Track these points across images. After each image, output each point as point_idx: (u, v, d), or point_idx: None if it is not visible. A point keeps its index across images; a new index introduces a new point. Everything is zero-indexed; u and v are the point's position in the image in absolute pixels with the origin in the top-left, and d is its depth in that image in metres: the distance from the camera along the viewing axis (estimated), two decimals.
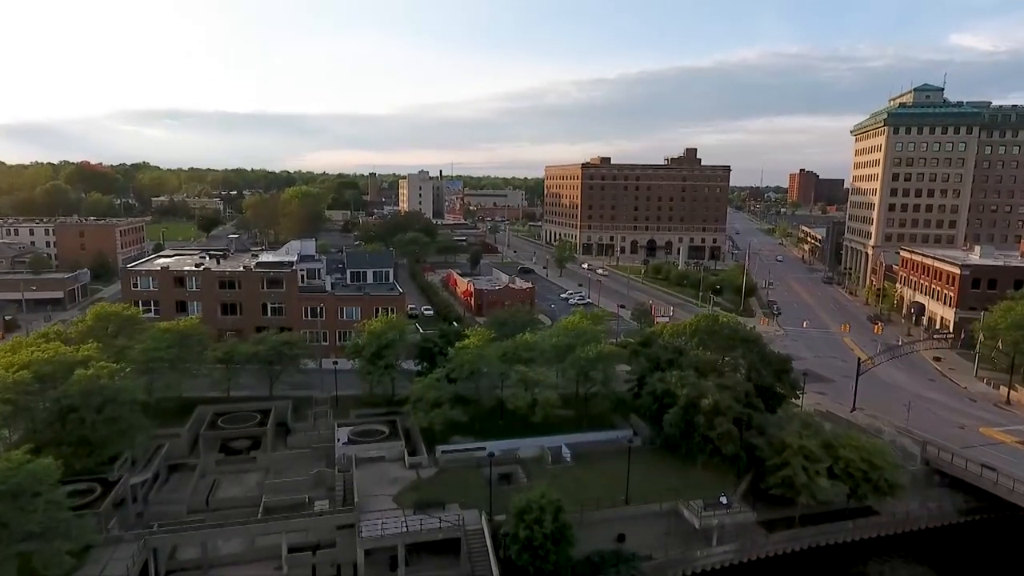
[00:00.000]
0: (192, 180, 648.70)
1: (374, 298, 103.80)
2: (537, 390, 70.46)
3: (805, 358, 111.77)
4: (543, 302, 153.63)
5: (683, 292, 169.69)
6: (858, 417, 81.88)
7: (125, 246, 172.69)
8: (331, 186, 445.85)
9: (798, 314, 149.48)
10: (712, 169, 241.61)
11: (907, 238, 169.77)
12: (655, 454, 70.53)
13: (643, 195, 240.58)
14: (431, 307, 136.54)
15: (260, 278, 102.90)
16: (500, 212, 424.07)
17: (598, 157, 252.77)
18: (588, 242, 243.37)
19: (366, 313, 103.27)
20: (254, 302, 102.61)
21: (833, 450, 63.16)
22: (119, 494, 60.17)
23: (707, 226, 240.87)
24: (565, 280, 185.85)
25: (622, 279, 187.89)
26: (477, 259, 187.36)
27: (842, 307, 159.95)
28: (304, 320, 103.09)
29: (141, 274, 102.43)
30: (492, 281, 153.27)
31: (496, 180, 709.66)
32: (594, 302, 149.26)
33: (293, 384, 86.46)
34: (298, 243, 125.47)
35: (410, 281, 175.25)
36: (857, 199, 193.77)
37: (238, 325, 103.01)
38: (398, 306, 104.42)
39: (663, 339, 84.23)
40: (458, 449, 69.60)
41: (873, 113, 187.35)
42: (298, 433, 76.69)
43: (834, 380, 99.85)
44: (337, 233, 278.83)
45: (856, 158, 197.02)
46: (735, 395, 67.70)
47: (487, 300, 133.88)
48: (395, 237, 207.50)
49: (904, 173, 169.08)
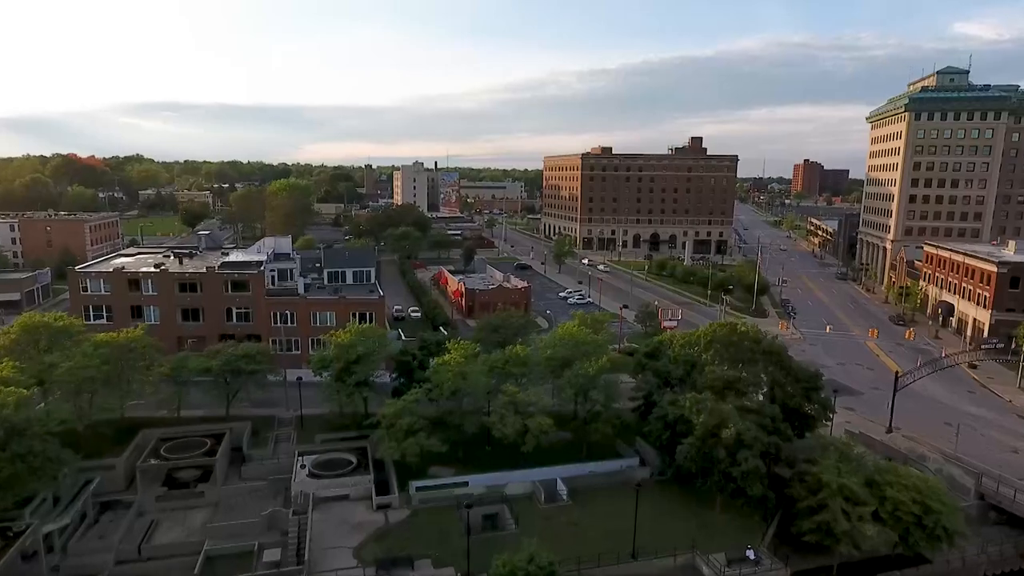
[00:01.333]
0: (186, 173, 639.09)
1: (351, 302, 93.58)
2: (529, 412, 60.51)
3: (827, 365, 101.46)
4: (541, 302, 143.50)
5: (690, 290, 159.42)
6: (896, 440, 71.83)
7: (96, 243, 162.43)
8: (325, 178, 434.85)
9: (815, 314, 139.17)
10: (719, 159, 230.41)
11: (928, 232, 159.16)
12: (666, 489, 60.57)
13: (646, 186, 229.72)
14: (419, 308, 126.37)
15: (223, 280, 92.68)
16: (499, 205, 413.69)
17: (599, 147, 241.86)
18: (588, 236, 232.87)
19: (342, 318, 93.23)
20: (217, 307, 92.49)
21: (878, 488, 53.04)
22: (28, 546, 50.47)
23: (713, 219, 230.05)
24: (564, 277, 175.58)
25: (624, 276, 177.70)
26: (471, 255, 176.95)
27: (860, 306, 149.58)
28: (274, 327, 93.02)
29: (91, 276, 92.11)
30: (485, 279, 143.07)
31: (495, 172, 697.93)
32: (595, 302, 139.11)
33: (255, 401, 76.61)
34: (272, 240, 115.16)
35: (399, 279, 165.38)
36: (873, 190, 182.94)
37: (200, 332, 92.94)
38: (377, 310, 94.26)
39: (673, 350, 74.06)
40: (435, 485, 59.65)
41: (891, 98, 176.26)
42: (254, 462, 66.70)
43: (862, 392, 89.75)
44: (328, 227, 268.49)
45: (872, 146, 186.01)
46: (760, 421, 57.62)
47: (479, 301, 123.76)
48: (385, 232, 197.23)
49: (926, 162, 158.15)
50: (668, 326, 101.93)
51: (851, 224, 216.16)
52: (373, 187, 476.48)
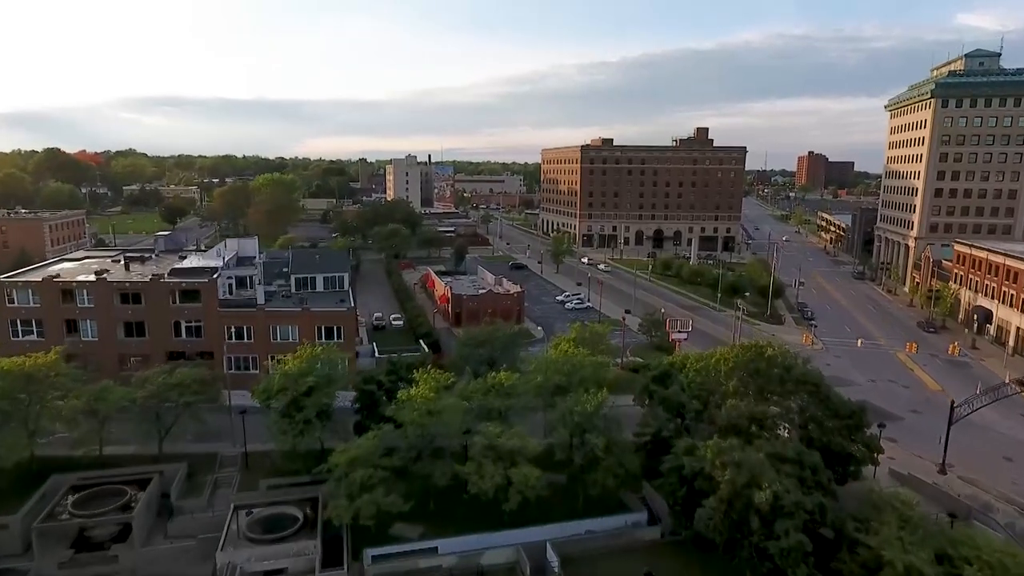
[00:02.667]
0: (179, 167, 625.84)
1: (316, 315, 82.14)
2: (512, 460, 49.18)
3: (857, 383, 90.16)
4: (536, 306, 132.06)
5: (697, 292, 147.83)
6: (953, 483, 60.50)
7: (57, 243, 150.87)
8: (317, 172, 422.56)
9: (835, 320, 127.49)
10: (726, 151, 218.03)
11: (955, 228, 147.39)
12: (681, 554, 49.28)
13: (649, 180, 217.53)
14: (401, 316, 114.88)
15: (171, 290, 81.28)
16: (496, 199, 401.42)
17: (599, 138, 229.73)
18: (588, 232, 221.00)
19: (306, 333, 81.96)
20: (163, 320, 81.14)
21: (950, 566, 41.72)
22: None
23: (720, 214, 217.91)
24: (562, 278, 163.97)
25: (627, 275, 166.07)
26: (462, 254, 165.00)
27: (883, 310, 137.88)
28: (228, 342, 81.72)
29: (18, 286, 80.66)
30: (475, 282, 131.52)
31: (494, 166, 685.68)
32: (595, 306, 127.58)
33: (197, 435, 65.16)
34: (236, 243, 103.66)
35: (386, 281, 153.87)
36: (893, 183, 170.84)
37: (144, 350, 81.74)
38: (346, 323, 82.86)
39: (686, 375, 62.60)
40: (396, 553, 48.35)
41: (913, 85, 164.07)
42: (183, 515, 55.44)
43: (901, 417, 78.24)
44: (317, 224, 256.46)
45: (892, 136, 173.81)
46: (799, 473, 46.23)
47: (467, 308, 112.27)
48: (372, 229, 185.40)
49: (954, 153, 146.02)
50: (677, 339, 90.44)
51: (866, 219, 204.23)
52: (368, 181, 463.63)
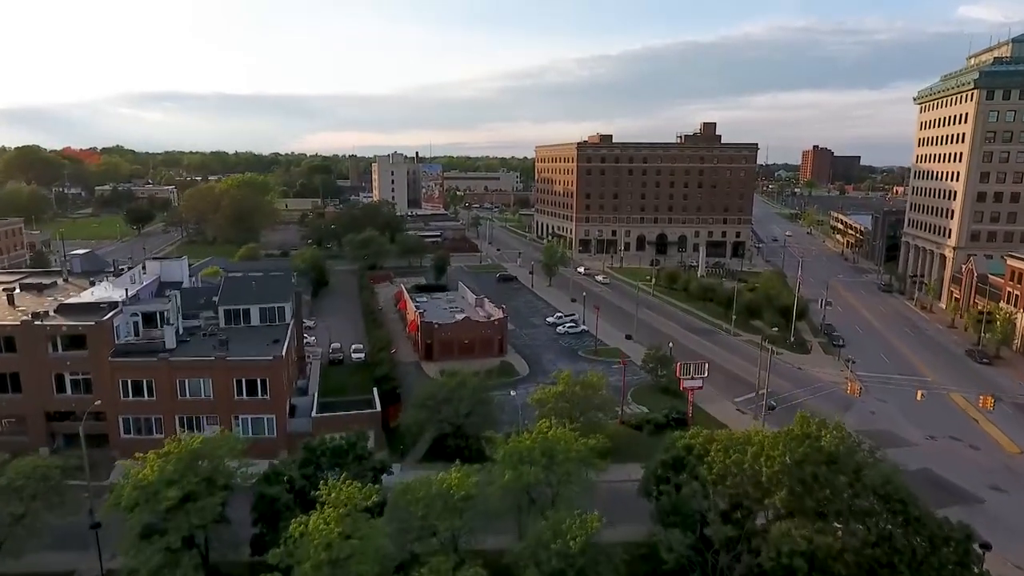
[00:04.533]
0: (167, 165, 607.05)
1: (234, 365, 65.01)
2: None
3: (912, 442, 73.19)
4: (523, 329, 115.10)
5: (707, 310, 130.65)
6: None
7: None
8: (303, 170, 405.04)
9: (869, 347, 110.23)
10: (735, 148, 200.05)
11: (1000, 236, 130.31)
12: None
13: (651, 180, 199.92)
14: (362, 348, 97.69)
15: (49, 335, 64.24)
16: (491, 198, 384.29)
17: (597, 135, 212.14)
18: (586, 237, 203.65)
19: (222, 389, 65.06)
20: (42, 372, 64.23)
21: None
22: None
23: (729, 217, 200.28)
24: (555, 292, 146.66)
25: (627, 288, 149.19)
26: (443, 266, 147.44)
27: (921, 333, 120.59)
28: (125, 401, 64.78)
29: None
30: (453, 303, 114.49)
31: (492, 161, 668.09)
32: (590, 329, 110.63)
33: (56, 540, 48.36)
34: (157, 266, 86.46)
35: (358, 297, 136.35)
36: (924, 184, 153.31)
37: (18, 409, 65.04)
38: (272, 376, 65.73)
39: (710, 466, 45.43)
40: None
41: (946, 75, 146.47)
42: None
43: (980, 499, 61.17)
44: (296, 227, 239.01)
45: (922, 132, 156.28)
46: None
47: (439, 339, 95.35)
48: (347, 236, 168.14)
49: (1000, 152, 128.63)
50: (691, 388, 73.16)
51: (889, 222, 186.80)
52: (359, 179, 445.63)
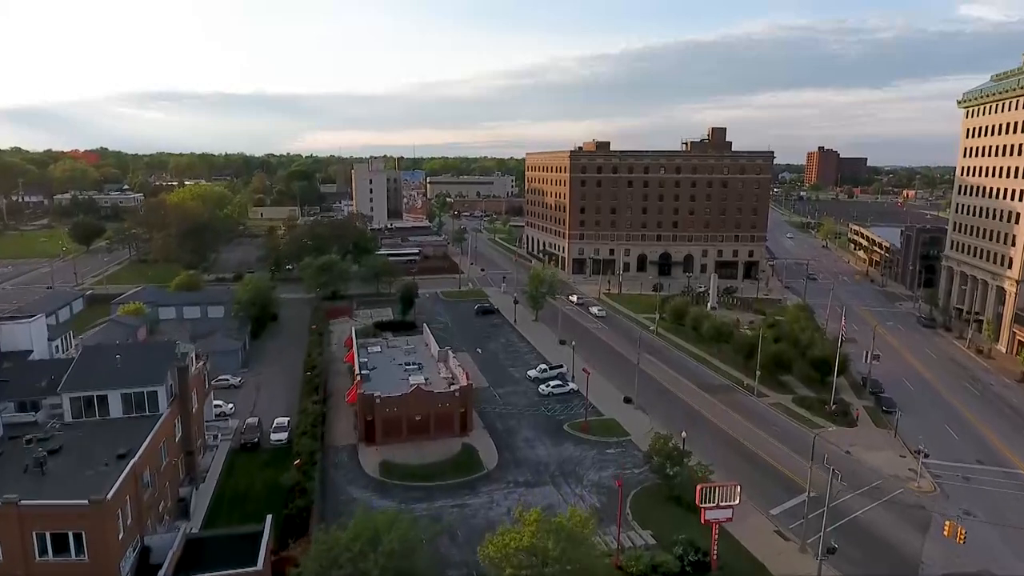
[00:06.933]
0: (151, 167, 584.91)
1: (30, 513, 43.15)
2: None
3: None
4: (498, 387, 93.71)
5: (721, 357, 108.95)
6: None
7: None
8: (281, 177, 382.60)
9: (927, 413, 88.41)
10: (748, 157, 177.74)
11: None
12: None
13: (653, 192, 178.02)
14: (286, 424, 76.02)
15: None
16: (482, 205, 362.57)
17: (593, 142, 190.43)
18: (580, 256, 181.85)
19: (15, 546, 43.38)
20: None
21: None
22: None
23: (741, 234, 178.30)
24: (541, 329, 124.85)
25: (627, 324, 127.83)
26: (410, 299, 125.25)
27: (986, 389, 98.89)
28: None
29: None
30: (412, 354, 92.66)
31: (489, 162, 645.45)
32: (581, 388, 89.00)
33: None
34: None
35: (306, 339, 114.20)
36: (974, 202, 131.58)
37: None
38: (92, 527, 44.01)
39: None
40: None
41: (998, 74, 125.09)
42: None
43: None
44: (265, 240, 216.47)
45: (969, 141, 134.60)
46: None
47: (382, 416, 73.74)
48: (304, 260, 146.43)
49: None
50: (716, 521, 51.24)
51: (922, 241, 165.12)
52: (346, 184, 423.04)
